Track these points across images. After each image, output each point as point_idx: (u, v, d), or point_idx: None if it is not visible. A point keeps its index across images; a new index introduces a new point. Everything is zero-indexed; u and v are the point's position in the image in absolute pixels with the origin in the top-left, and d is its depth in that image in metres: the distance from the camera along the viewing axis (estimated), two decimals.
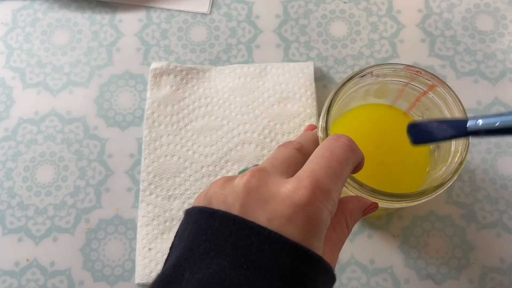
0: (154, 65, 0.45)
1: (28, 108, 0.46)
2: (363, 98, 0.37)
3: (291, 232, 0.22)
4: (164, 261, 0.39)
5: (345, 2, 0.48)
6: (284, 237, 0.22)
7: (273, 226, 0.22)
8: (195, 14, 0.49)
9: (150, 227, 0.41)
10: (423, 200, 0.30)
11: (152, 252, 0.41)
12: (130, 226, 0.42)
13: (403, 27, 0.47)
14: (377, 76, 0.34)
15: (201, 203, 0.25)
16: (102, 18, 0.49)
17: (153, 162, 0.43)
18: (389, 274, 0.41)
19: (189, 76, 0.45)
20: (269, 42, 0.47)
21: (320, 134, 0.32)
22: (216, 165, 0.42)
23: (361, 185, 0.29)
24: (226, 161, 0.42)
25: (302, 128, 0.43)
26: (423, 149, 0.37)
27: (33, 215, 0.43)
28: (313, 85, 0.44)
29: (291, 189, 0.23)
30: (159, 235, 0.41)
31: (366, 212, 0.29)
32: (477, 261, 0.40)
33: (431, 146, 0.36)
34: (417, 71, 0.33)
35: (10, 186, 0.44)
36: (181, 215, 0.41)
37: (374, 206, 0.29)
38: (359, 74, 0.33)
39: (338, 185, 0.24)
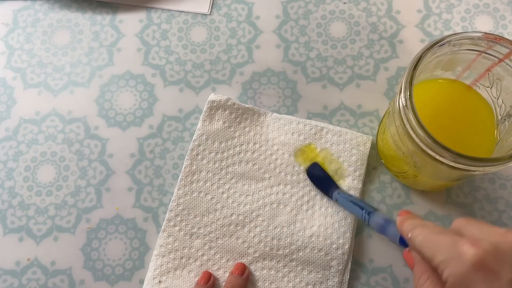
0: (212, 97, 0.44)
1: (29, 108, 0.46)
2: (431, 70, 0.38)
3: None
4: None
5: (344, 3, 0.48)
6: None
7: None
8: (195, 14, 0.49)
9: (165, 258, 0.40)
10: (499, 167, 0.31)
11: (161, 286, 0.40)
12: (130, 226, 0.43)
13: (403, 27, 0.47)
14: (454, 45, 0.34)
15: None
16: (102, 19, 0.49)
17: (185, 195, 0.42)
18: (389, 273, 0.41)
19: (244, 116, 0.44)
20: (269, 42, 0.48)
21: (402, 113, 0.32)
22: (246, 217, 0.41)
23: (446, 149, 0.30)
24: (257, 216, 0.41)
25: (347, 211, 0.41)
26: (489, 122, 0.37)
27: (34, 214, 0.43)
28: (364, 165, 0.42)
29: None
30: (172, 270, 0.40)
31: None
32: None
33: (499, 116, 0.37)
34: (495, 38, 0.33)
35: (11, 186, 0.44)
36: (199, 255, 0.41)
37: None
38: (439, 43, 0.33)
39: None
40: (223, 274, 0.40)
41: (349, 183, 0.42)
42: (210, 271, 0.40)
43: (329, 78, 0.46)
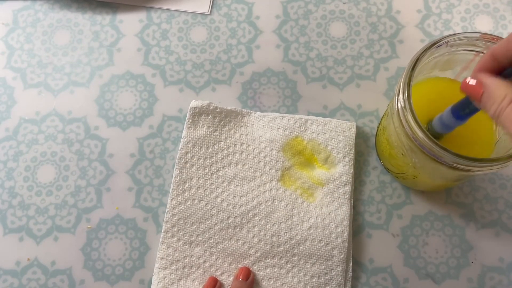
0: (194, 103, 0.44)
1: (29, 108, 0.46)
2: (429, 71, 0.38)
3: None
4: None
5: (344, 3, 0.48)
6: None
7: None
8: (195, 14, 0.49)
9: (167, 271, 0.40)
10: (498, 167, 0.31)
11: None
12: (130, 226, 0.43)
13: (403, 27, 0.47)
14: (451, 46, 0.34)
15: None
16: (102, 19, 0.49)
17: (179, 204, 0.42)
18: (389, 273, 0.41)
19: (228, 118, 0.44)
20: (269, 42, 0.48)
21: (400, 114, 0.32)
22: (243, 218, 0.41)
23: (445, 150, 0.30)
24: (254, 215, 0.41)
25: (336, 195, 0.41)
26: (488, 122, 0.37)
27: (34, 214, 0.43)
28: (353, 150, 0.43)
29: None
30: (175, 281, 0.40)
31: None
32: (476, 261, 0.40)
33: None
34: (492, 38, 0.33)
35: (11, 185, 0.44)
36: (201, 263, 0.40)
37: None
38: (436, 44, 0.33)
39: None
40: (227, 278, 0.40)
41: (340, 169, 0.42)
42: (214, 276, 0.40)
43: (329, 78, 0.46)
